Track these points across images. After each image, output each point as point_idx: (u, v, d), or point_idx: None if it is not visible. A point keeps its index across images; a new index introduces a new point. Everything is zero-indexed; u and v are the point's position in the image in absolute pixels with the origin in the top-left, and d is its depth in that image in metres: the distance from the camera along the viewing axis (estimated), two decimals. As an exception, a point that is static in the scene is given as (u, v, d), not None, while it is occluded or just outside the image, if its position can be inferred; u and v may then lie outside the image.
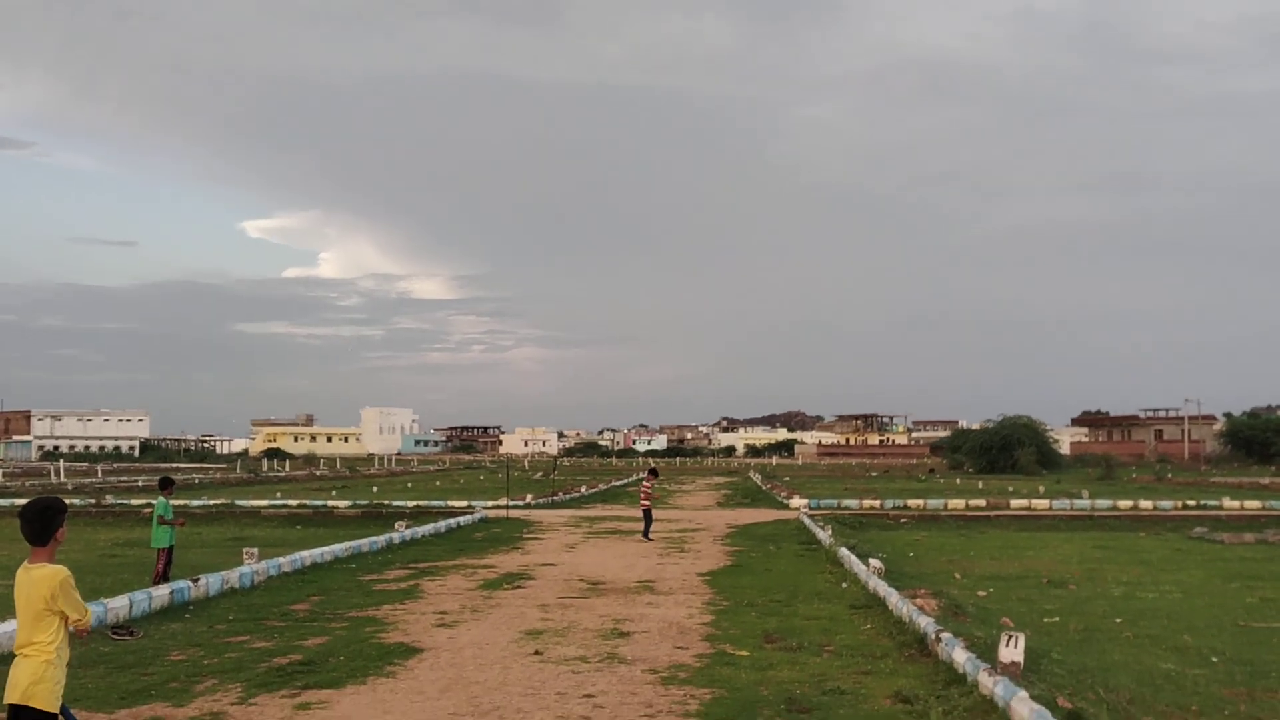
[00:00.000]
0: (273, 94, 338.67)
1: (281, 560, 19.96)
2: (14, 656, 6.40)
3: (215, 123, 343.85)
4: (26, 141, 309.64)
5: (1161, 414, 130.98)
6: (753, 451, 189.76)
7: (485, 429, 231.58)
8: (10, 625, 12.29)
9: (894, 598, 15.36)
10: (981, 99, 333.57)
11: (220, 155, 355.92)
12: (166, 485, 17.70)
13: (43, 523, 6.45)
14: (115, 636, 13.36)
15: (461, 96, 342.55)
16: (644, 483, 29.78)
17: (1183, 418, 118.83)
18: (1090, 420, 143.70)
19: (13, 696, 6.25)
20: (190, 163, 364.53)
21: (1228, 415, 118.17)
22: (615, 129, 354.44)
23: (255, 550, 19.41)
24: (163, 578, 16.54)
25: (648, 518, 28.72)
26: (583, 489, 55.51)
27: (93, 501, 41.15)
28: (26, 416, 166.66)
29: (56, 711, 6.28)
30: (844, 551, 21.80)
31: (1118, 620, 15.27)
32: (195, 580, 16.83)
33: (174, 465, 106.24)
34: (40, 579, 6.34)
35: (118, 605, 14.42)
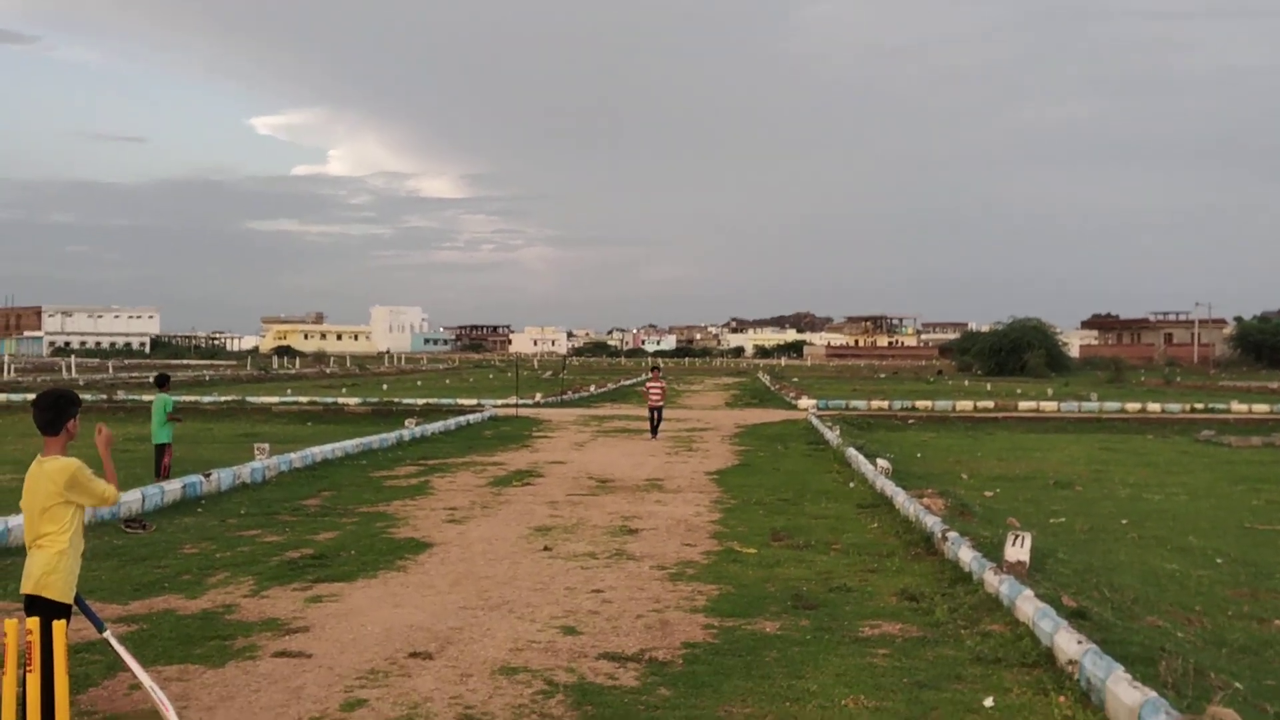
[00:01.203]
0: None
1: (293, 456, 20.09)
2: (26, 550, 6.42)
3: (221, 16, 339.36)
4: (31, 35, 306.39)
5: (1171, 317, 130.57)
6: (761, 352, 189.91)
7: (494, 328, 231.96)
8: (20, 519, 12.40)
9: (901, 497, 15.42)
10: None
11: (227, 50, 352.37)
12: (165, 382, 17.59)
13: (56, 411, 6.44)
14: (128, 529, 13.49)
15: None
16: (651, 382, 29.83)
17: (1193, 321, 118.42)
18: (1100, 323, 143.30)
19: (26, 587, 6.29)
20: (197, 57, 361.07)
21: (1238, 319, 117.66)
22: (626, 26, 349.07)
23: (266, 446, 19.54)
24: (168, 473, 16.60)
25: (658, 416, 29.05)
26: (591, 388, 55.72)
27: (104, 397, 41.43)
28: (37, 313, 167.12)
29: (70, 602, 6.31)
30: (851, 451, 21.88)
31: (1124, 521, 15.33)
32: (207, 475, 16.96)
33: (185, 362, 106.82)
34: (53, 471, 6.33)
35: (130, 499, 14.52)
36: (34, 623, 4.57)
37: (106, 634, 6.48)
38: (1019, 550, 10.39)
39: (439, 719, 6.81)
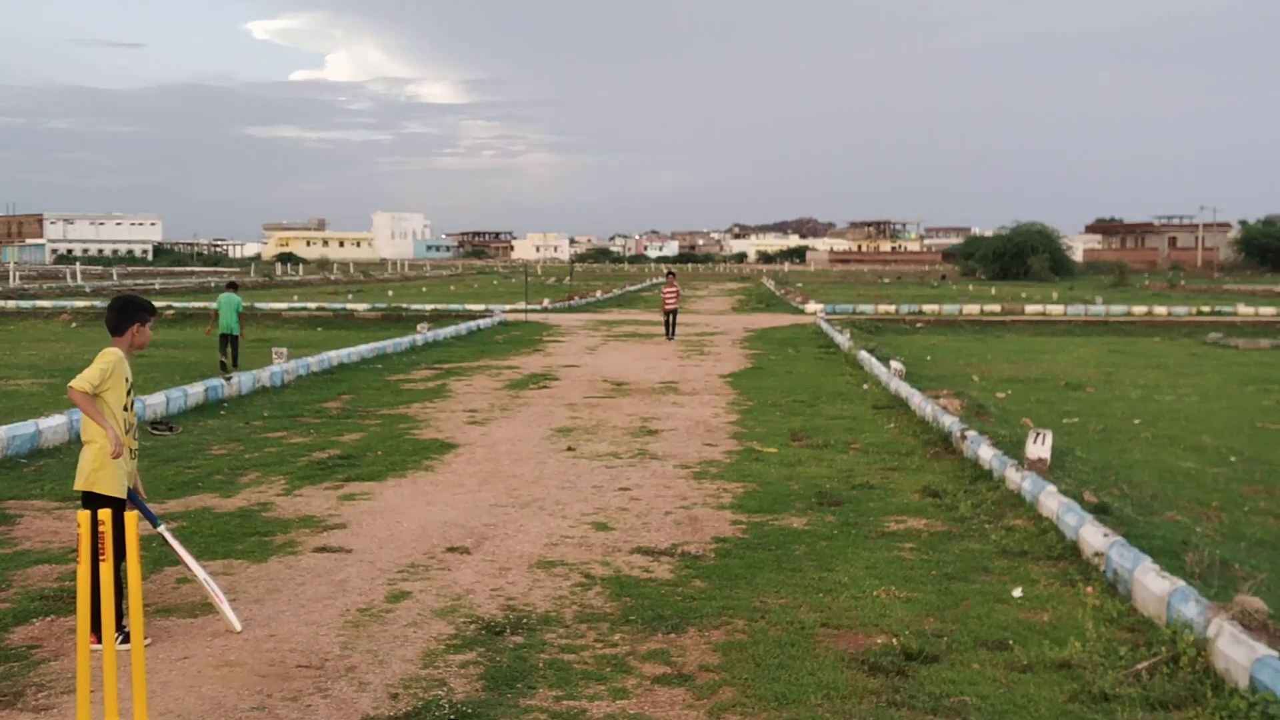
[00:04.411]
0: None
1: (310, 360, 20.20)
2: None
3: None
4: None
5: (1176, 221, 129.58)
6: (764, 258, 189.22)
7: (497, 234, 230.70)
8: (52, 420, 12.59)
9: (917, 398, 15.53)
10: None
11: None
12: (235, 286, 22.16)
13: (120, 314, 6.56)
14: (155, 431, 13.62)
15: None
16: (666, 287, 30.09)
17: (1197, 225, 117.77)
18: (1104, 228, 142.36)
19: (79, 483, 6.44)
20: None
21: (1243, 223, 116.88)
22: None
23: (284, 350, 19.65)
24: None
25: (673, 318, 29.51)
26: (598, 294, 55.71)
27: (113, 304, 41.40)
28: (39, 220, 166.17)
29: (122, 496, 6.43)
30: (864, 354, 21.97)
31: (1136, 421, 15.47)
32: (228, 378, 17.07)
33: (188, 269, 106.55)
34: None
35: (154, 402, 14.66)
36: (106, 514, 4.67)
37: (161, 529, 6.62)
38: (1040, 448, 10.51)
39: (483, 609, 6.96)
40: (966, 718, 5.41)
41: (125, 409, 6.50)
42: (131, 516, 4.79)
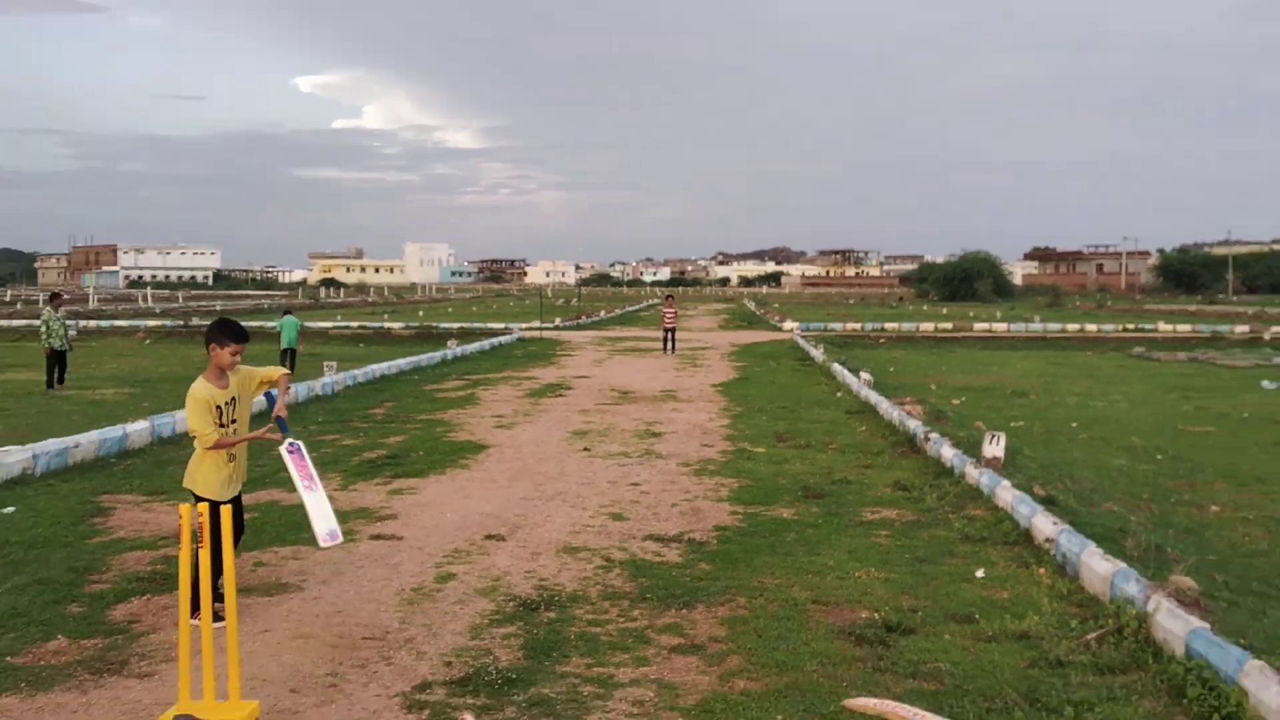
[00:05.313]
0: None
1: (356, 372, 20.21)
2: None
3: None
4: (101, 6, 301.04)
5: (1103, 250, 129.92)
6: (745, 282, 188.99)
7: (512, 262, 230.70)
8: (137, 425, 12.65)
9: (885, 404, 15.59)
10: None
11: (274, 16, 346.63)
12: (289, 311, 23.20)
13: (206, 336, 6.60)
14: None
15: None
16: (665, 307, 30.31)
17: (1121, 253, 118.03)
18: (1040, 255, 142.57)
19: (185, 480, 6.55)
20: (248, 23, 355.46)
21: (1161, 251, 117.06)
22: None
23: (334, 363, 19.67)
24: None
25: (672, 335, 29.46)
26: (602, 313, 55.72)
27: (180, 323, 41.47)
28: (113, 250, 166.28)
29: (214, 498, 6.28)
30: (836, 366, 22.02)
31: (1074, 425, 15.52)
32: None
33: (244, 293, 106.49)
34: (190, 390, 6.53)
35: (224, 409, 14.66)
36: (204, 506, 4.77)
37: (285, 446, 6.50)
38: (995, 447, 10.58)
39: (519, 589, 7.01)
40: (941, 681, 5.48)
41: (221, 425, 6.44)
42: (225, 511, 4.85)
